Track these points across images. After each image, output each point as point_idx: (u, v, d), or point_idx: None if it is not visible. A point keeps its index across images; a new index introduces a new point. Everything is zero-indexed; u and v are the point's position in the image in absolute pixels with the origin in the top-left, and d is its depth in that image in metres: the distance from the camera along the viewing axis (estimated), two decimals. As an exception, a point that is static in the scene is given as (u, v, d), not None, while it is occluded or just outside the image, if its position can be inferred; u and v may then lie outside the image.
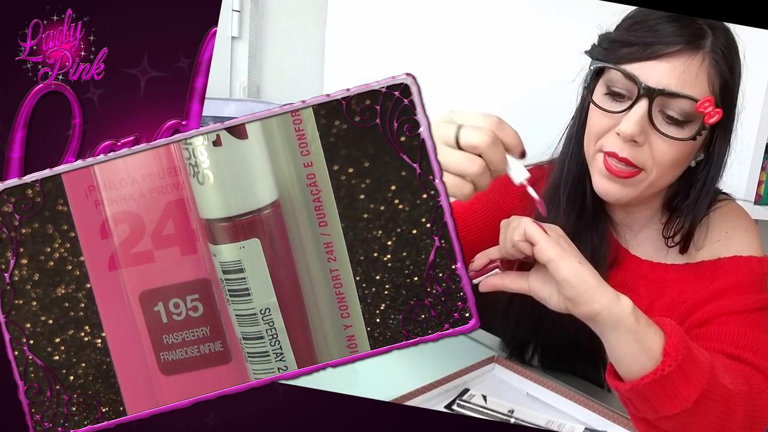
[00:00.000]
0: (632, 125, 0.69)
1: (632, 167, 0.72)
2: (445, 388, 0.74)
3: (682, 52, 0.70)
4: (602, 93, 0.74)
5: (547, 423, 0.70)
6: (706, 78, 0.70)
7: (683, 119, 0.70)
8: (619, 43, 0.73)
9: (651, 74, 0.69)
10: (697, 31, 0.71)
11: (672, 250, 0.81)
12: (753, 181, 1.29)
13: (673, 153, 0.71)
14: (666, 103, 0.70)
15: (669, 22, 0.71)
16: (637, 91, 0.69)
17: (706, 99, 0.68)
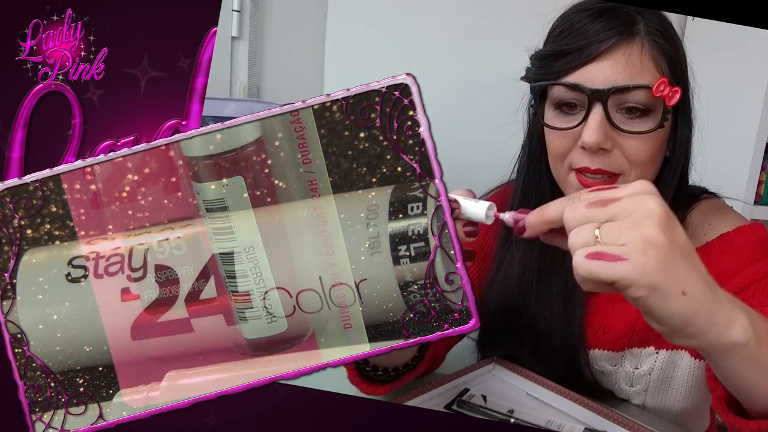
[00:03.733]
0: (594, 134, 0.66)
1: (609, 175, 0.68)
2: (445, 388, 0.74)
3: (618, 44, 0.67)
4: (552, 112, 0.71)
5: (547, 423, 0.70)
6: (652, 62, 0.67)
7: (644, 108, 0.67)
8: (552, 57, 0.70)
9: (595, 76, 0.66)
10: (627, 19, 0.68)
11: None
12: (753, 181, 1.29)
13: (646, 148, 0.68)
14: (621, 100, 0.66)
15: (595, 20, 0.68)
16: (586, 98, 0.66)
17: (660, 81, 0.65)
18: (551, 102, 0.71)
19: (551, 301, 0.79)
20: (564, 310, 0.79)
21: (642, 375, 0.79)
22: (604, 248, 0.41)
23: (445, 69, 1.33)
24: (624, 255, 0.40)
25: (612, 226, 0.41)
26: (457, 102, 1.29)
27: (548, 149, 0.74)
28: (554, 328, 0.79)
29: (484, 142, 0.92)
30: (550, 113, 0.71)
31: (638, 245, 0.40)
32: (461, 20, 1.35)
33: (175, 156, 0.44)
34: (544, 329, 0.79)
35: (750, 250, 0.73)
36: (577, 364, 0.79)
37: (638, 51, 0.67)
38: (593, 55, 0.67)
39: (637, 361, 0.79)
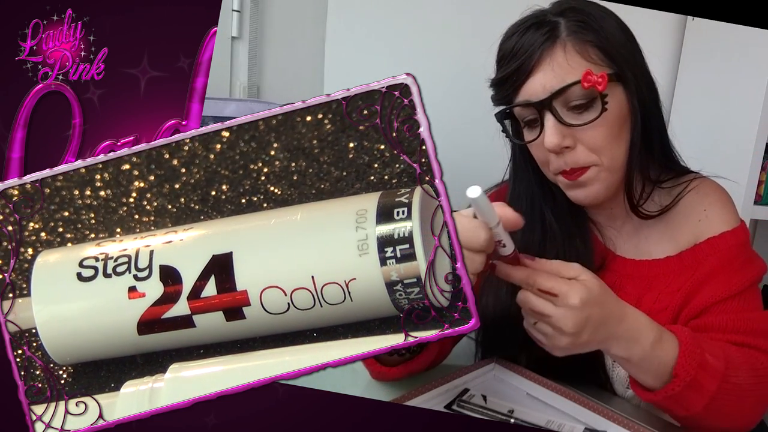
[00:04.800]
0: (552, 138, 0.73)
1: (582, 168, 0.75)
2: (445, 388, 0.74)
3: (543, 53, 0.73)
4: (524, 128, 0.78)
5: (547, 423, 0.70)
6: (578, 57, 0.73)
7: (587, 101, 0.73)
8: (500, 83, 0.77)
9: (535, 89, 0.73)
10: (548, 27, 0.74)
11: (655, 246, 0.84)
12: (753, 181, 1.29)
13: (601, 133, 0.74)
14: (564, 101, 0.73)
15: (523, 34, 0.75)
16: (536, 110, 0.74)
17: (584, 74, 0.71)
18: (519, 120, 0.78)
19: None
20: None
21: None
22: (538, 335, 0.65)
23: (445, 69, 1.33)
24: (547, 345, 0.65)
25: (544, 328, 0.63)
26: (457, 102, 1.29)
27: (536, 159, 0.80)
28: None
29: (484, 142, 0.92)
30: (524, 129, 0.78)
31: (562, 314, 0.61)
32: (461, 20, 1.35)
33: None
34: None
35: (733, 256, 0.80)
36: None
37: (561, 53, 0.73)
38: (527, 71, 0.74)
39: None
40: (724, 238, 0.81)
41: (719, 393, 0.67)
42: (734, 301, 0.78)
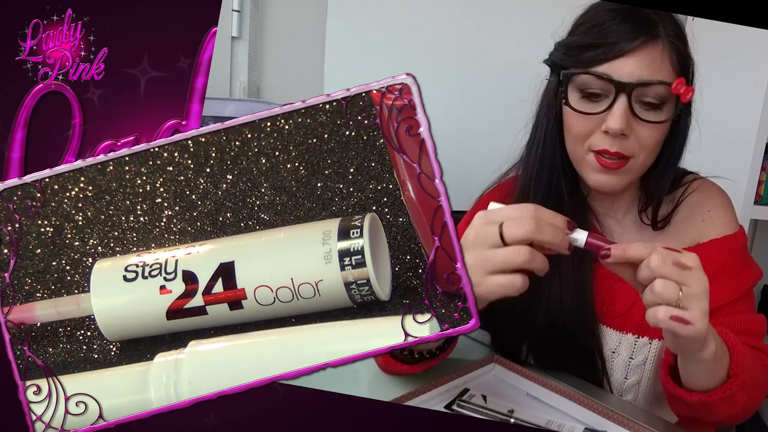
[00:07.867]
0: (619, 121, 0.73)
1: (623, 158, 0.76)
2: (445, 388, 0.74)
3: (644, 44, 0.74)
4: (578, 97, 0.77)
5: (547, 423, 0.70)
6: (669, 61, 0.75)
7: (659, 102, 0.74)
8: (582, 48, 0.77)
9: (623, 70, 0.74)
10: (651, 22, 0.76)
11: (656, 238, 0.84)
12: (753, 181, 1.29)
13: (656, 136, 0.77)
14: (642, 93, 0.74)
15: (623, 21, 0.75)
16: (614, 88, 0.73)
17: (679, 81, 0.73)
18: (576, 88, 0.77)
19: (561, 272, 0.82)
20: (575, 286, 0.82)
21: (637, 366, 0.83)
22: (681, 313, 0.58)
23: (445, 69, 1.33)
24: (692, 320, 0.58)
25: (688, 293, 0.58)
26: (457, 102, 1.29)
27: (569, 131, 0.80)
28: (566, 297, 0.82)
29: (484, 141, 0.92)
30: (575, 98, 0.77)
31: (700, 315, 0.58)
32: (461, 20, 1.35)
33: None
34: (556, 301, 0.82)
35: (734, 260, 0.83)
36: (591, 334, 0.83)
37: (660, 51, 0.75)
38: (622, 51, 0.74)
39: (632, 350, 0.83)
40: (726, 241, 0.83)
41: (750, 389, 0.69)
42: (736, 304, 0.80)
